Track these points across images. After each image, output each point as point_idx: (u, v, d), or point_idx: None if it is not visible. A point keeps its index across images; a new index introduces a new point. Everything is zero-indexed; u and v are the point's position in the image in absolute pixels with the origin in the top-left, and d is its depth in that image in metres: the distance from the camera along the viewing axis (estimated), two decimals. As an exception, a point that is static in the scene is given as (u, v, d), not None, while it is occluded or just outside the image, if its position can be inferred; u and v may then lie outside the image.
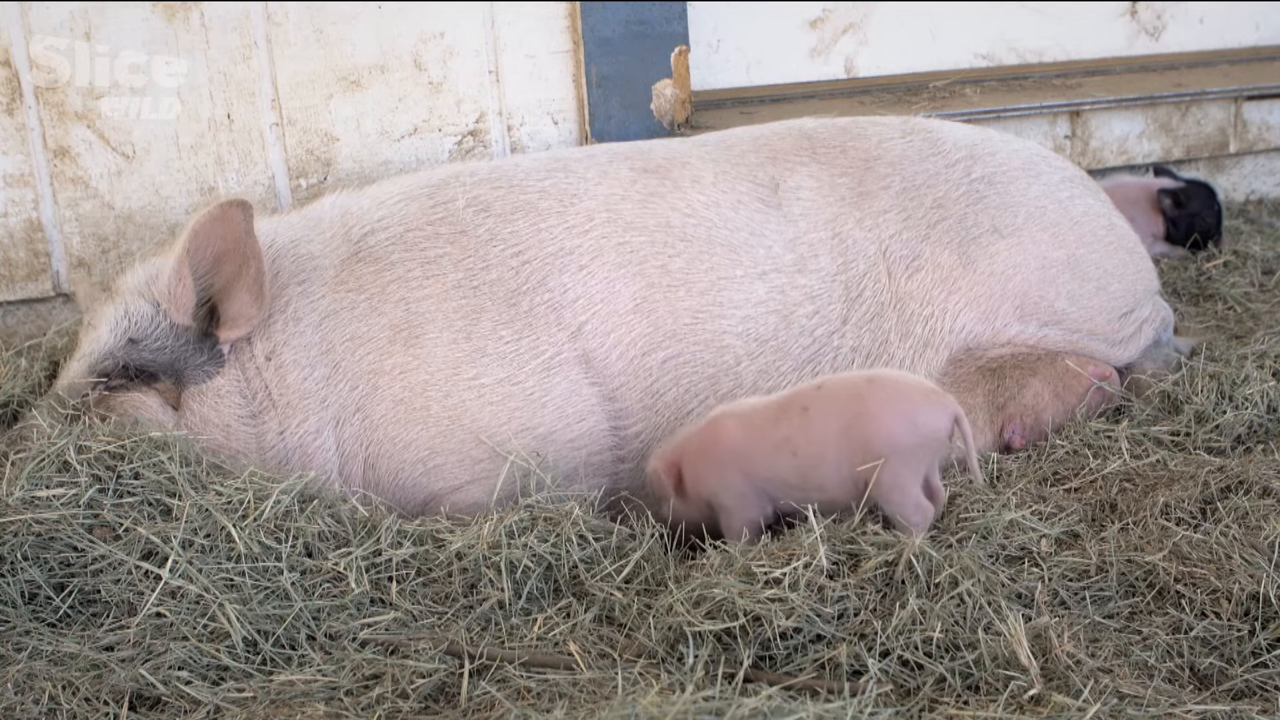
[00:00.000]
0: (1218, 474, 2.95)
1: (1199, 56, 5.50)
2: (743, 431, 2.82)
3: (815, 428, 2.76)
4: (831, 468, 2.74)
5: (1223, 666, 2.41)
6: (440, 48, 4.12)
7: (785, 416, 2.80)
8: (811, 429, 2.76)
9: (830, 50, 4.97)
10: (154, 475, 2.77)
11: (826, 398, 2.79)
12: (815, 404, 2.79)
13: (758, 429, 2.81)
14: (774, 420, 2.80)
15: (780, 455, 2.77)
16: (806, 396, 2.81)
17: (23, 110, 3.74)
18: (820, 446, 2.75)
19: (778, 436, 2.78)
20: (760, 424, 2.81)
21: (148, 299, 3.12)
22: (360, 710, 2.38)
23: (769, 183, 3.37)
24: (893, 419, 2.72)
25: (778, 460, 2.78)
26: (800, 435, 2.76)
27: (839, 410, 2.75)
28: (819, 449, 2.75)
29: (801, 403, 2.80)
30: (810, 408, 2.78)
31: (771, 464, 2.79)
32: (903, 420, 2.72)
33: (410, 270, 3.17)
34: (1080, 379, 3.34)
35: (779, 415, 2.81)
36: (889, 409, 2.73)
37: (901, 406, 2.74)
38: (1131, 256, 3.55)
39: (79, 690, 2.41)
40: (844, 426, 2.73)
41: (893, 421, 2.72)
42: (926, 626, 2.39)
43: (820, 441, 2.75)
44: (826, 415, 2.76)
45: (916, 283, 3.31)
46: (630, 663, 2.44)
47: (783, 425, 2.79)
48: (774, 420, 2.80)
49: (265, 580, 2.64)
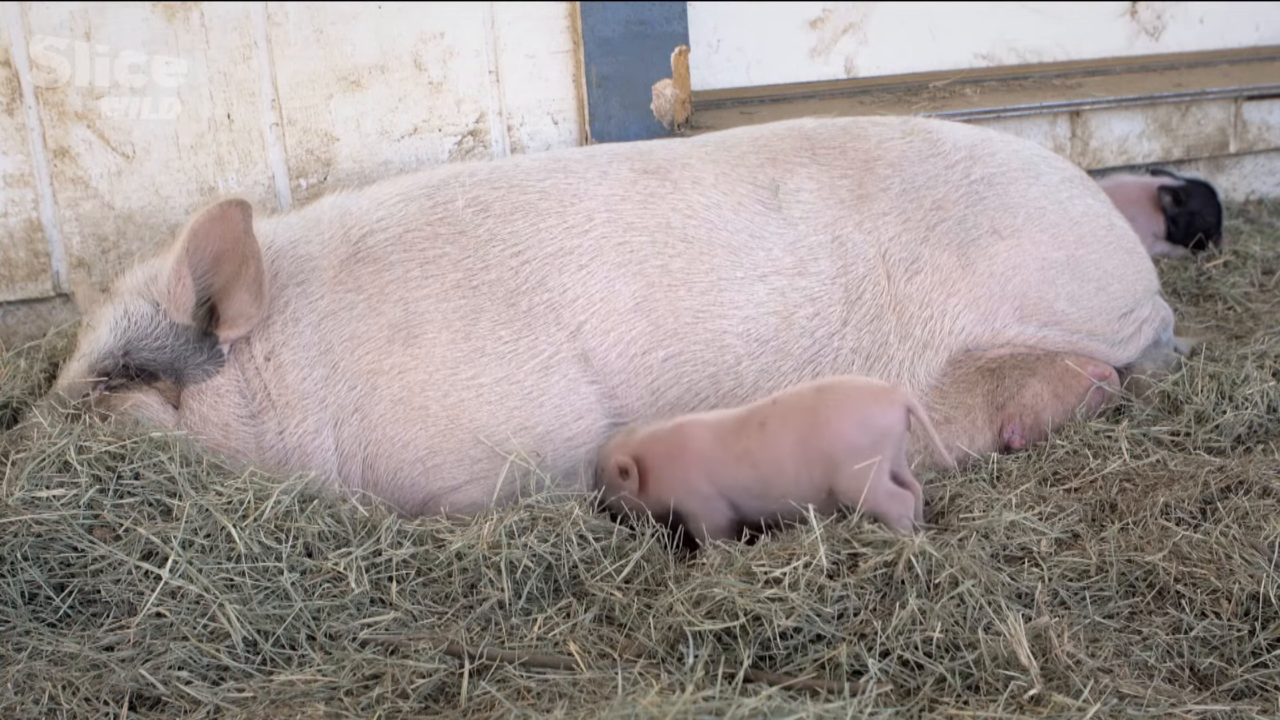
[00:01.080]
0: (1218, 474, 2.94)
1: (1199, 56, 5.50)
2: (708, 441, 2.88)
3: (771, 442, 2.82)
4: (790, 479, 2.80)
5: (1223, 666, 2.40)
6: (440, 48, 4.12)
7: (745, 430, 2.86)
8: (768, 443, 2.82)
9: (830, 50, 4.97)
10: (154, 475, 2.77)
11: (780, 412, 2.86)
12: (771, 419, 2.85)
13: (721, 440, 2.87)
14: (735, 433, 2.88)
15: (741, 467, 2.84)
16: (763, 412, 2.88)
17: (23, 110, 3.74)
18: (778, 459, 2.81)
19: (739, 449, 2.85)
20: (724, 435, 2.88)
21: (147, 299, 3.12)
22: (360, 710, 2.38)
23: (769, 184, 3.37)
24: (845, 424, 2.78)
25: (740, 471, 2.85)
26: (759, 449, 2.83)
27: (793, 423, 2.82)
28: (777, 462, 2.81)
29: (759, 418, 2.87)
30: (767, 423, 2.85)
31: (734, 474, 2.85)
32: (855, 423, 2.78)
33: (409, 270, 3.17)
34: (1080, 379, 3.34)
35: (739, 429, 2.88)
36: (840, 415, 2.79)
37: (852, 410, 2.80)
38: (1131, 256, 3.55)
39: (79, 690, 2.41)
40: (799, 438, 2.80)
41: (846, 426, 2.78)
42: (926, 626, 2.39)
43: (777, 455, 2.81)
44: (781, 429, 2.83)
45: (916, 285, 3.31)
46: (630, 663, 2.44)
47: (743, 438, 2.86)
48: (735, 433, 2.88)
49: (265, 580, 2.64)
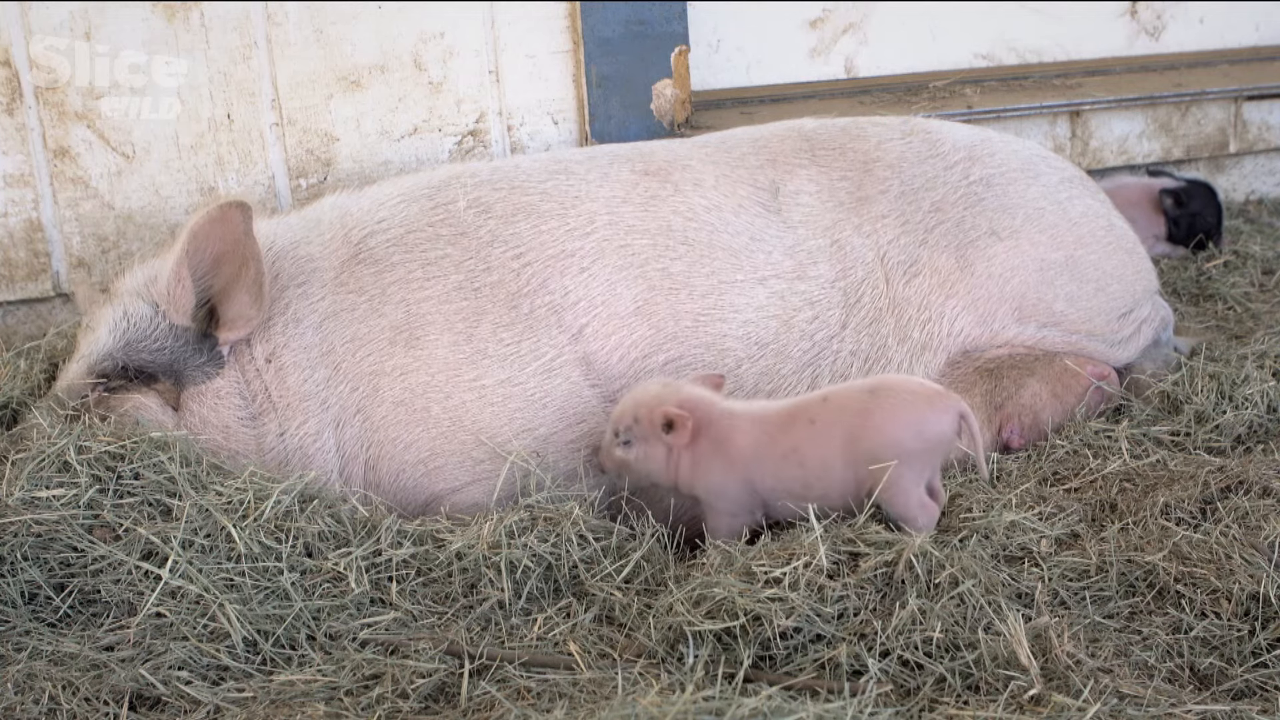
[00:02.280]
0: (1218, 474, 2.95)
1: (1199, 56, 5.50)
2: (755, 437, 2.81)
3: (822, 439, 2.76)
4: (837, 479, 2.75)
5: (1223, 666, 2.41)
6: (440, 48, 4.12)
7: (794, 425, 2.79)
8: (818, 440, 2.76)
9: (830, 50, 4.97)
10: (154, 475, 2.77)
11: (832, 409, 2.79)
12: (821, 416, 2.78)
13: (769, 436, 2.80)
14: (783, 428, 2.80)
15: (788, 465, 2.77)
16: (813, 408, 2.81)
17: (23, 110, 3.74)
18: (827, 458, 2.75)
19: (786, 445, 2.78)
20: (772, 431, 2.80)
21: (147, 300, 3.11)
22: (360, 710, 2.38)
23: (769, 187, 3.37)
24: (899, 429, 2.72)
25: (785, 470, 2.77)
26: (808, 446, 2.76)
27: (844, 422, 2.76)
28: (826, 460, 2.75)
29: (809, 414, 2.80)
30: (817, 420, 2.78)
31: (778, 473, 2.78)
32: (910, 429, 2.73)
33: (411, 272, 3.17)
34: (1079, 379, 3.34)
35: (788, 424, 2.80)
36: (895, 419, 2.73)
37: (908, 415, 2.74)
38: (1130, 257, 3.55)
39: (79, 690, 2.41)
40: (850, 438, 2.74)
41: (900, 431, 2.72)
42: (926, 626, 2.39)
43: (826, 454, 2.75)
44: (832, 426, 2.76)
45: (914, 288, 3.31)
46: (630, 662, 2.45)
47: (791, 434, 2.79)
48: (783, 428, 2.80)
49: (265, 580, 2.64)
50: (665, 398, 2.84)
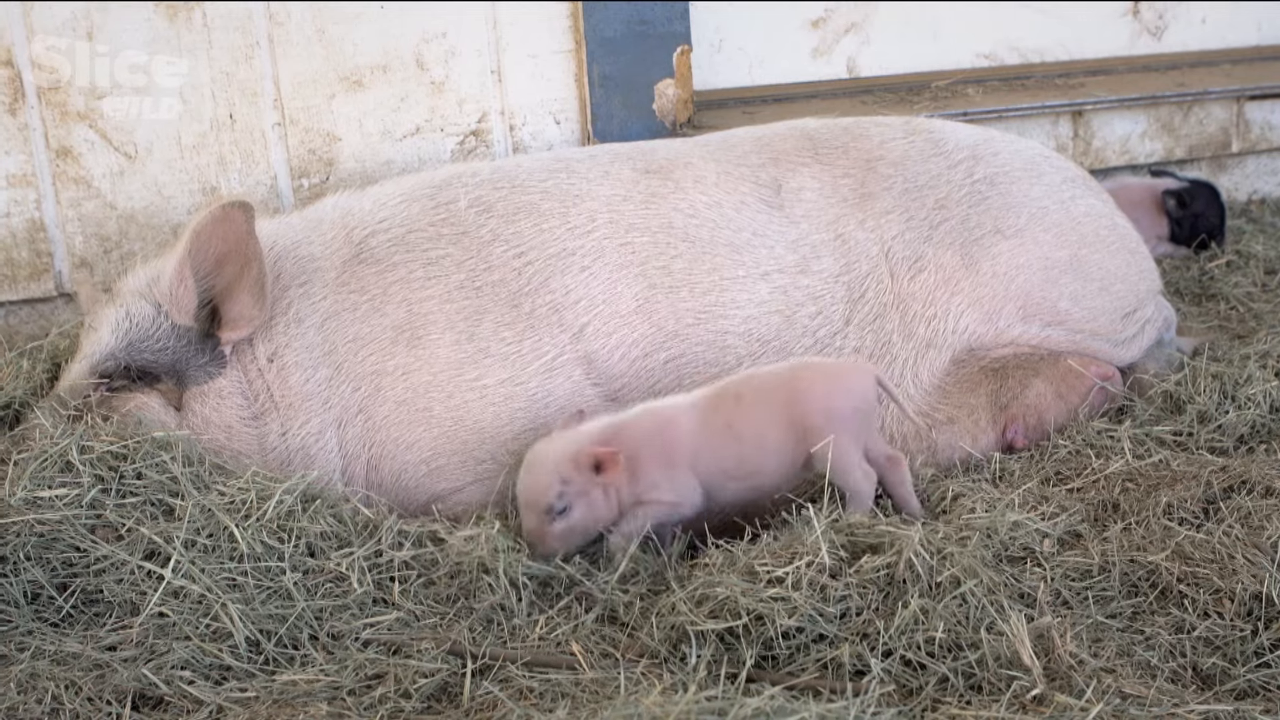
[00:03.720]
0: (1220, 474, 2.94)
1: (1201, 56, 5.50)
2: (694, 422, 2.83)
3: (752, 413, 2.82)
4: (772, 452, 2.81)
5: (1225, 666, 2.40)
6: (442, 47, 4.12)
7: (722, 403, 2.84)
8: (749, 414, 2.82)
9: (832, 50, 4.97)
10: (156, 475, 2.77)
11: (755, 385, 2.87)
12: (746, 391, 2.85)
13: (704, 418, 2.83)
14: (713, 407, 2.84)
15: (726, 441, 2.81)
16: (736, 385, 2.88)
17: (25, 110, 3.74)
18: (760, 430, 2.81)
19: (720, 422, 2.82)
20: (702, 411, 2.84)
21: (149, 300, 3.11)
22: (363, 710, 2.38)
23: (771, 184, 3.37)
24: (826, 390, 2.83)
25: (725, 447, 2.81)
26: (740, 421, 2.81)
27: (771, 394, 2.84)
28: (759, 434, 2.81)
29: (733, 391, 2.86)
30: (743, 395, 2.84)
31: (719, 451, 2.81)
32: (836, 389, 2.84)
33: (412, 271, 3.17)
34: (1083, 379, 3.34)
35: (716, 403, 2.85)
36: (820, 383, 2.85)
37: (830, 378, 2.86)
38: (1134, 257, 3.55)
39: (82, 690, 2.41)
40: (779, 407, 2.81)
41: (826, 392, 2.83)
42: (929, 626, 2.39)
43: (759, 426, 2.81)
44: (760, 400, 2.83)
45: (919, 284, 3.31)
46: (633, 662, 2.45)
47: (722, 411, 2.83)
48: (713, 407, 2.84)
49: (268, 580, 2.64)
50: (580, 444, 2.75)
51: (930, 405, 3.25)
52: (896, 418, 3.21)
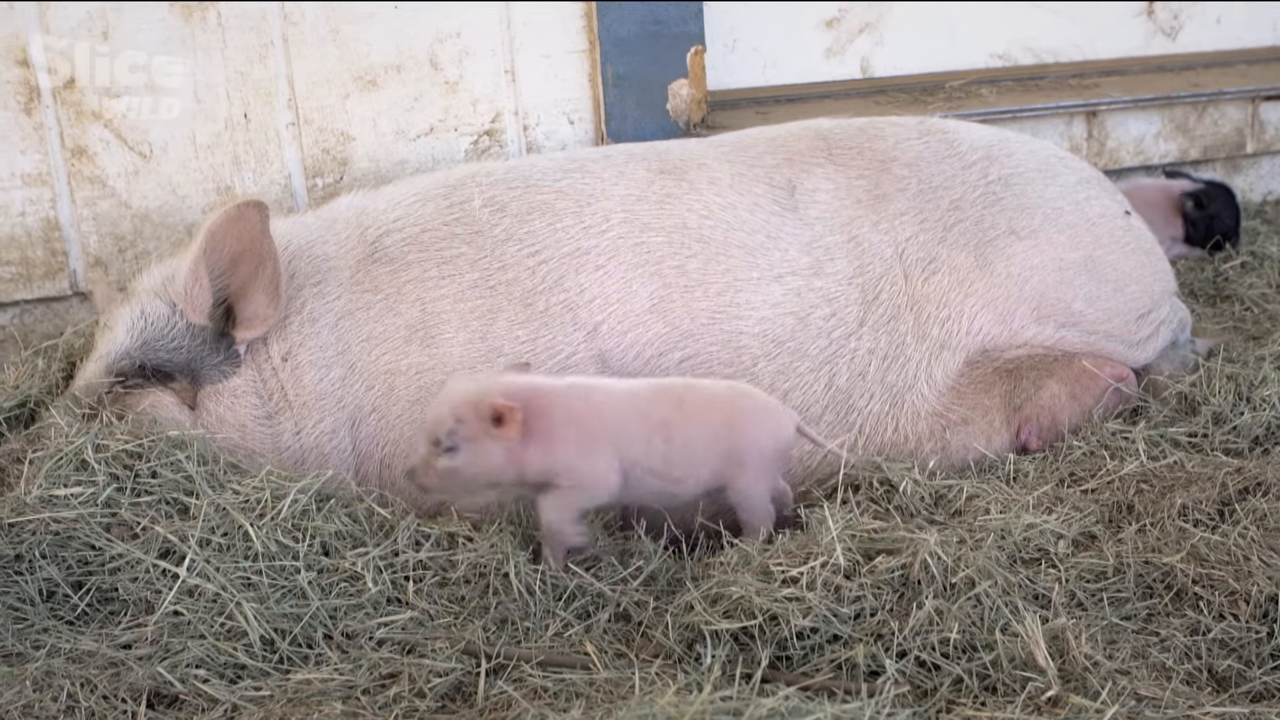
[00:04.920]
0: (1235, 475, 2.93)
1: (1216, 57, 5.48)
2: (628, 409, 2.79)
3: (690, 420, 2.79)
4: (698, 462, 2.79)
5: (1241, 668, 2.40)
6: (456, 47, 4.12)
7: (662, 401, 2.81)
8: (688, 421, 2.79)
9: (846, 50, 4.97)
10: (171, 474, 2.78)
11: (701, 396, 2.85)
12: (690, 399, 2.83)
13: (639, 407, 2.80)
14: (652, 401, 2.81)
15: (656, 438, 2.77)
16: (680, 390, 2.86)
17: (40, 110, 3.75)
18: (691, 439, 2.79)
19: (657, 418, 2.78)
20: (642, 402, 2.81)
21: (164, 299, 3.12)
22: (377, 709, 2.38)
23: (785, 185, 3.37)
24: (760, 428, 2.83)
25: (653, 444, 2.77)
26: (677, 424, 2.78)
27: (713, 411, 2.82)
28: (689, 442, 2.79)
29: (675, 394, 2.84)
30: (685, 401, 2.82)
31: (647, 446, 2.76)
32: (769, 430, 2.85)
33: (426, 270, 3.17)
34: (1097, 380, 3.33)
35: (656, 398, 2.82)
36: (758, 419, 2.85)
37: (767, 418, 2.86)
38: (1149, 258, 3.54)
39: (97, 688, 2.42)
40: (717, 427, 2.80)
41: (760, 431, 2.83)
42: (944, 627, 2.39)
43: (692, 435, 2.79)
44: (700, 412, 2.81)
45: (933, 285, 3.30)
46: (647, 662, 2.45)
47: (660, 408, 2.80)
48: (652, 401, 2.81)
49: (282, 579, 2.64)
50: (487, 391, 2.67)
51: (944, 406, 3.25)
52: (911, 417, 3.21)
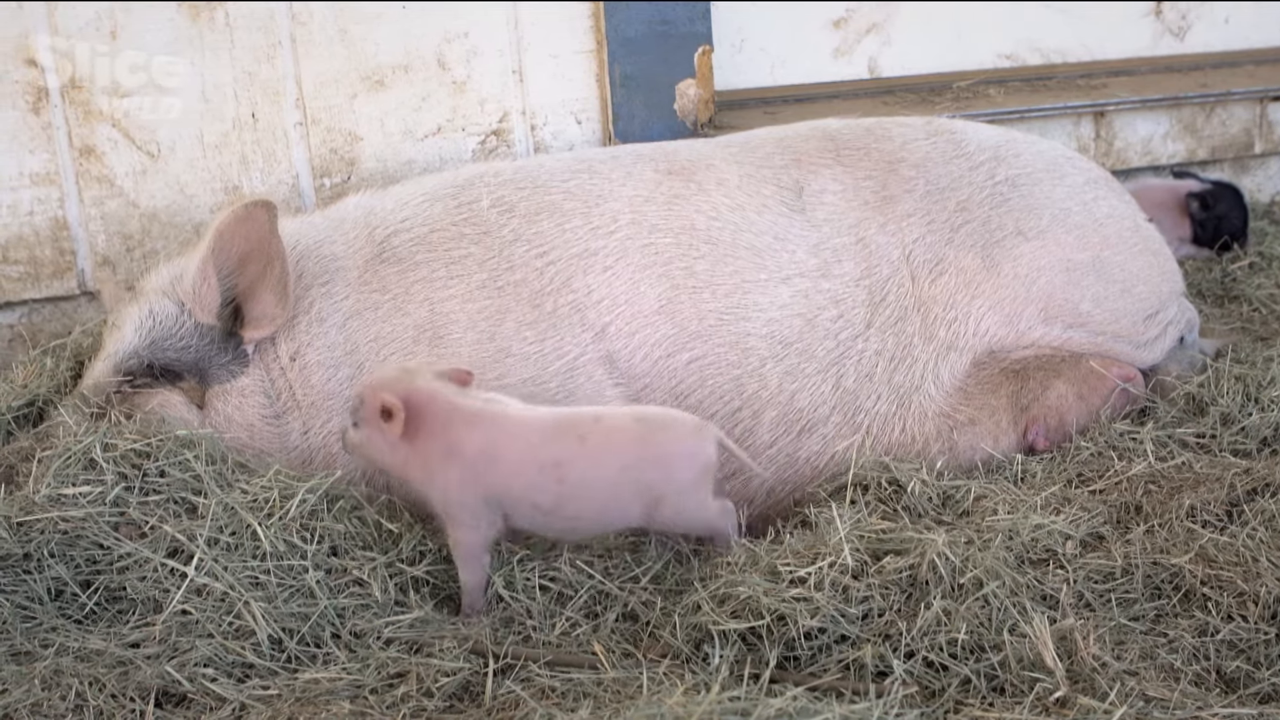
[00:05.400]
0: (1244, 476, 2.93)
1: (1224, 57, 5.47)
2: (514, 441, 2.65)
3: (593, 461, 2.64)
4: (596, 504, 2.66)
5: (1249, 670, 2.39)
6: (464, 47, 4.12)
7: (561, 438, 2.65)
8: (587, 459, 2.64)
9: (854, 50, 4.96)
10: (179, 474, 2.78)
11: (605, 431, 2.67)
12: (593, 435, 2.66)
13: (528, 444, 2.64)
14: (548, 439, 2.65)
15: (545, 478, 2.62)
16: (584, 425, 2.67)
17: (48, 109, 3.75)
18: (590, 481, 2.64)
19: (548, 457, 2.63)
20: (533, 439, 2.65)
21: (172, 299, 3.13)
22: (385, 708, 2.39)
23: (793, 186, 3.37)
24: (674, 461, 2.68)
25: (541, 483, 2.63)
26: (576, 463, 2.63)
27: (619, 449, 2.66)
28: (588, 483, 2.64)
29: (579, 430, 2.66)
30: (588, 438, 2.65)
31: (531, 486, 2.63)
32: (683, 460, 2.68)
33: (434, 271, 3.17)
34: (1104, 381, 3.33)
35: (555, 435, 2.66)
36: (668, 451, 2.68)
37: (679, 447, 2.68)
38: (1156, 258, 3.54)
39: (105, 686, 2.42)
40: (625, 465, 2.65)
41: (677, 463, 2.68)
42: (951, 628, 2.39)
43: (592, 476, 2.64)
44: (604, 450, 2.65)
45: (940, 287, 3.30)
46: (655, 662, 2.45)
47: (557, 446, 2.64)
48: (548, 439, 2.65)
49: (290, 578, 2.65)
50: (391, 385, 2.66)
51: (951, 407, 3.25)
52: (918, 418, 3.21)
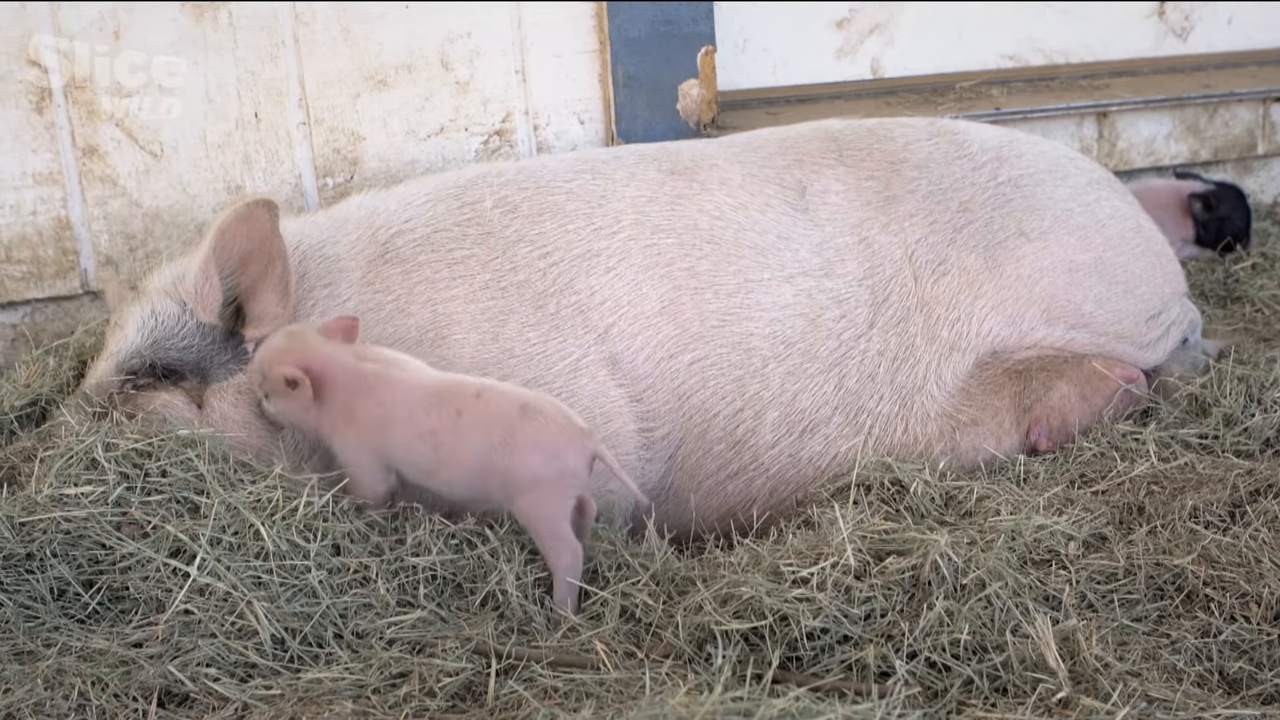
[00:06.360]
0: (1246, 477, 2.93)
1: (1227, 57, 5.47)
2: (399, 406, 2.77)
3: (463, 435, 2.72)
4: (464, 477, 2.74)
5: (1252, 671, 2.39)
6: (467, 47, 4.12)
7: (439, 410, 2.75)
8: (460, 435, 2.72)
9: (856, 50, 4.96)
10: (181, 473, 2.77)
11: (481, 410, 2.73)
12: (469, 412, 2.73)
13: (409, 412, 2.76)
14: (428, 409, 2.75)
15: (422, 444, 2.74)
16: (464, 399, 2.75)
17: (52, 109, 3.75)
18: (462, 454, 2.72)
19: (425, 427, 2.74)
20: (414, 408, 2.76)
21: (174, 298, 3.12)
22: (387, 708, 2.39)
23: (796, 186, 3.37)
24: (536, 455, 2.68)
25: (418, 447, 2.75)
26: (448, 435, 2.73)
27: (489, 429, 2.71)
28: (460, 456, 2.72)
29: (457, 404, 2.75)
30: (464, 413, 2.73)
31: (409, 449, 2.76)
32: (545, 457, 2.68)
33: (437, 272, 3.17)
34: (1107, 381, 3.33)
35: (435, 406, 2.75)
36: (534, 444, 2.68)
37: (546, 444, 2.69)
38: (1159, 259, 3.54)
39: (108, 686, 2.42)
40: (490, 447, 2.69)
41: (536, 458, 2.68)
42: (954, 628, 2.39)
43: (464, 451, 2.72)
44: (476, 428, 2.71)
45: (943, 287, 3.30)
46: (657, 662, 2.45)
47: (434, 417, 2.74)
48: (428, 409, 2.75)
49: (293, 578, 2.64)
50: (286, 355, 2.82)
51: (954, 407, 3.25)
52: (921, 419, 3.21)
